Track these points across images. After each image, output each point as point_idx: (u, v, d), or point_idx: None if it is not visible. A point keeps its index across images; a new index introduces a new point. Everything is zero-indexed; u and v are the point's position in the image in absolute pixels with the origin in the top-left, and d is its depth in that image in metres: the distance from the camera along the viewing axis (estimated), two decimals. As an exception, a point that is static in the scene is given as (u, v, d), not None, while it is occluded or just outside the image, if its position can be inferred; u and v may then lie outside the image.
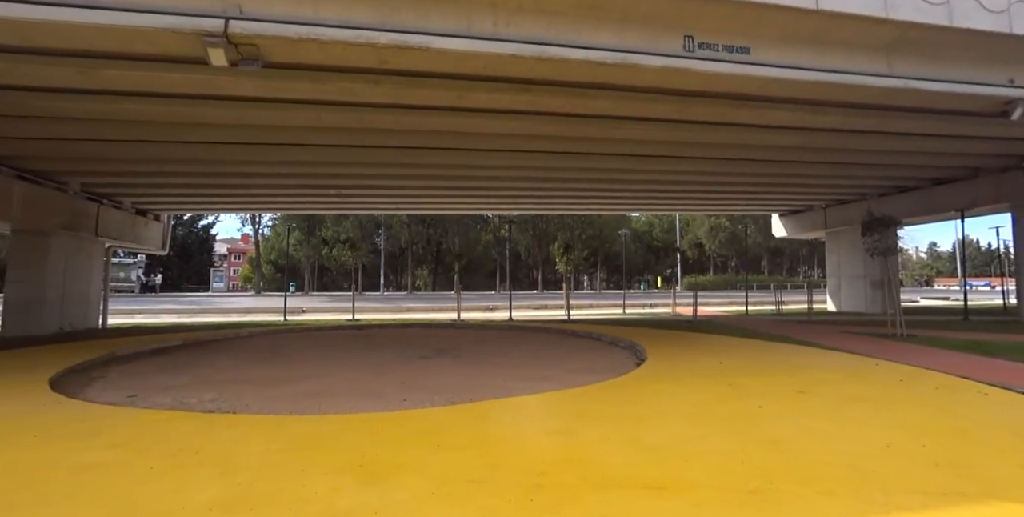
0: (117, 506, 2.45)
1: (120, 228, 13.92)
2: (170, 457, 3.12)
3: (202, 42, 4.81)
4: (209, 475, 2.83)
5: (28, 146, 9.26)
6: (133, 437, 3.54)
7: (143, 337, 10.48)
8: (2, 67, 5.87)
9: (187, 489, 2.64)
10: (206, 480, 2.76)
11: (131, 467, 2.96)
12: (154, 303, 26.89)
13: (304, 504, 2.45)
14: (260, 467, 2.96)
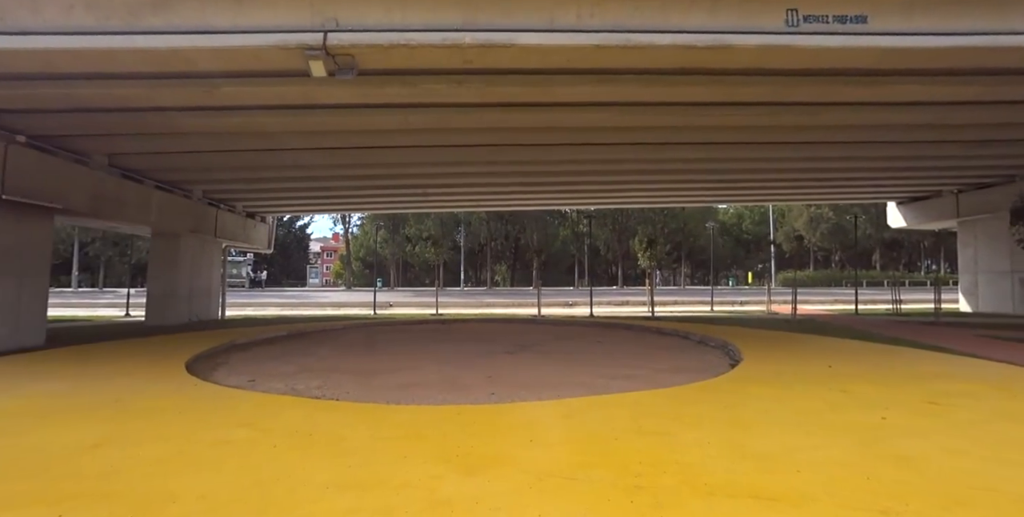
0: (251, 478, 2.72)
1: (234, 229, 15.52)
2: (288, 437, 3.41)
3: (304, 55, 5.18)
4: (322, 456, 3.06)
5: (162, 159, 10.56)
6: (257, 418, 3.92)
7: (255, 328, 11.61)
8: (145, 92, 6.75)
9: (306, 468, 2.87)
10: (321, 461, 2.98)
11: (258, 444, 3.28)
12: (261, 297, 29.67)
13: (408, 489, 2.57)
14: (366, 452, 3.14)
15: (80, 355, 7.43)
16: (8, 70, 6.02)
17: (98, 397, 4.67)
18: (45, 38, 5.35)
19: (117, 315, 16.88)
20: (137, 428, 3.69)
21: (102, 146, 9.38)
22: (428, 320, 14.45)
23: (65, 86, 6.51)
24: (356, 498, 2.47)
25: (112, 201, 10.10)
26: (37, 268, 8.84)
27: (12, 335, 8.04)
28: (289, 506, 2.38)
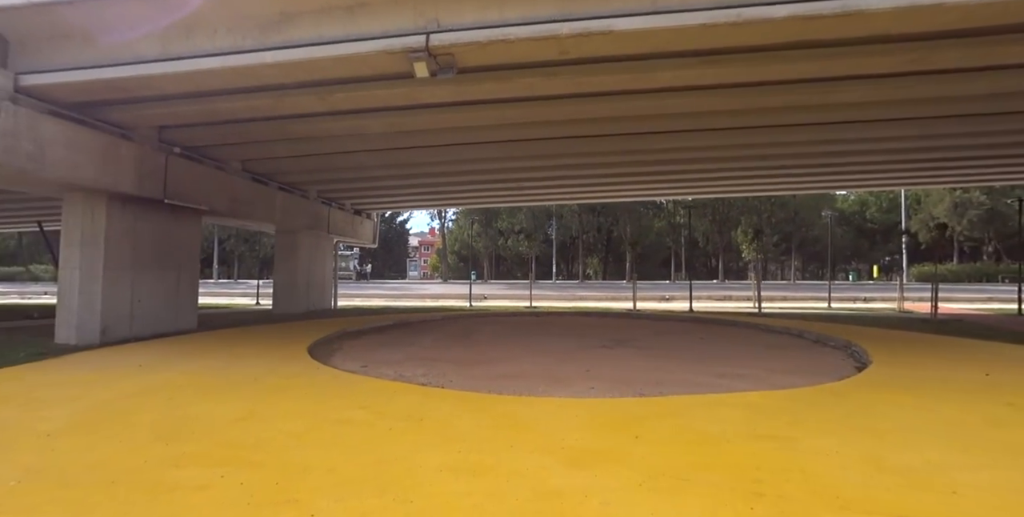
0: (371, 456, 2.94)
1: (343, 226, 16.89)
2: (402, 421, 3.64)
3: (407, 58, 5.44)
4: (433, 441, 3.22)
5: (284, 164, 11.73)
6: (372, 401, 4.23)
7: (364, 317, 12.55)
8: (271, 102, 7.51)
9: (420, 450, 3.04)
10: (432, 445, 3.14)
11: (375, 426, 3.54)
12: (366, 288, 32.14)
13: (517, 477, 2.61)
14: (473, 439, 3.25)
15: (224, 338, 8.54)
16: (168, 91, 7.00)
17: (240, 376, 5.33)
18: (195, 61, 6.15)
19: (249, 303, 19.19)
20: (273, 404, 4.16)
21: (237, 154, 10.63)
22: (522, 312, 14.66)
23: (207, 102, 7.44)
24: (468, 482, 2.56)
25: (245, 203, 11.44)
26: (190, 262, 10.29)
27: (173, 320, 9.46)
28: (409, 485, 2.53)
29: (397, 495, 2.40)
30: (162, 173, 8.80)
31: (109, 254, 8.18)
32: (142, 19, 6.10)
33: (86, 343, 7.73)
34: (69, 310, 8.01)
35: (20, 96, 6.54)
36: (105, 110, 7.63)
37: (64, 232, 8.35)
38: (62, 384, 4.98)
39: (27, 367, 5.82)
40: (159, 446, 3.12)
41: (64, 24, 6.27)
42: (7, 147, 6.32)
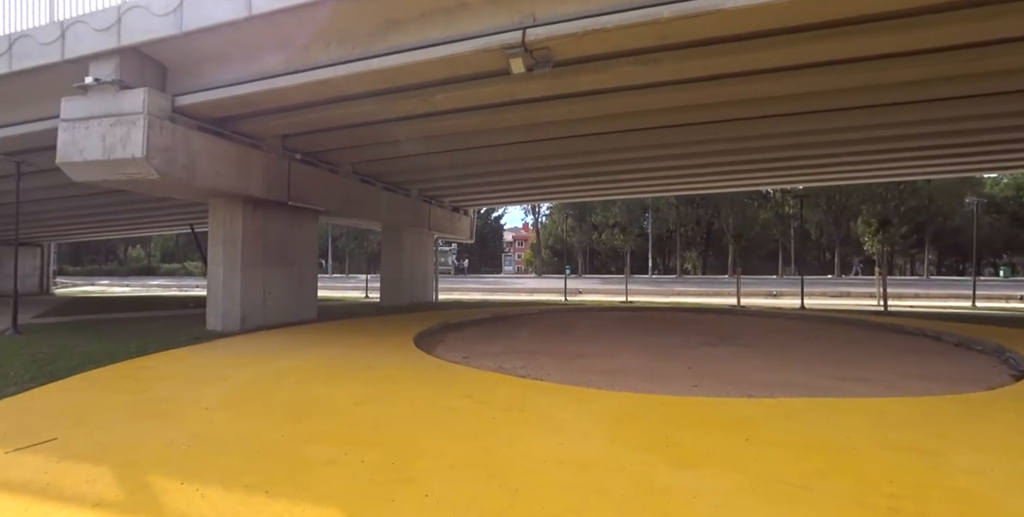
0: (478, 444, 3.06)
1: (443, 222, 17.68)
2: (504, 411, 3.74)
3: (504, 55, 5.53)
4: (536, 432, 3.27)
5: (388, 164, 12.52)
6: (475, 391, 4.40)
7: (463, 310, 13.05)
8: (377, 107, 8.05)
9: (523, 440, 3.10)
10: (534, 435, 3.19)
11: (479, 415, 3.68)
12: (464, 283, 33.34)
13: (622, 473, 2.57)
14: (574, 432, 3.26)
15: (339, 328, 9.37)
16: (289, 102, 7.77)
17: (356, 363, 5.81)
18: (311, 73, 6.77)
19: (359, 296, 20.84)
20: (386, 391, 4.48)
21: (348, 157, 11.56)
22: (618, 307, 14.38)
23: (322, 110, 8.15)
24: (572, 475, 2.57)
25: (355, 202, 12.41)
26: (310, 258, 11.40)
27: (297, 311, 10.56)
28: (514, 473, 2.60)
29: (504, 482, 2.48)
30: (286, 178, 9.84)
31: (245, 252, 9.31)
32: (268, 40, 6.85)
33: (229, 329, 8.92)
34: (216, 301, 9.28)
35: (175, 115, 7.60)
36: (239, 123, 8.67)
37: (210, 233, 9.64)
38: (214, 365, 5.80)
39: (187, 349, 6.86)
40: (292, 423, 3.52)
41: (206, 50, 7.21)
42: (167, 160, 7.39)
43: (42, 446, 3.04)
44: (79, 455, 2.90)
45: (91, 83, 7.15)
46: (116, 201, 14.89)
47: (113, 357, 6.09)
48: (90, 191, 12.30)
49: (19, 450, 2.98)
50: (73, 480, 2.57)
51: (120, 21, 7.03)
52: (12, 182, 9.28)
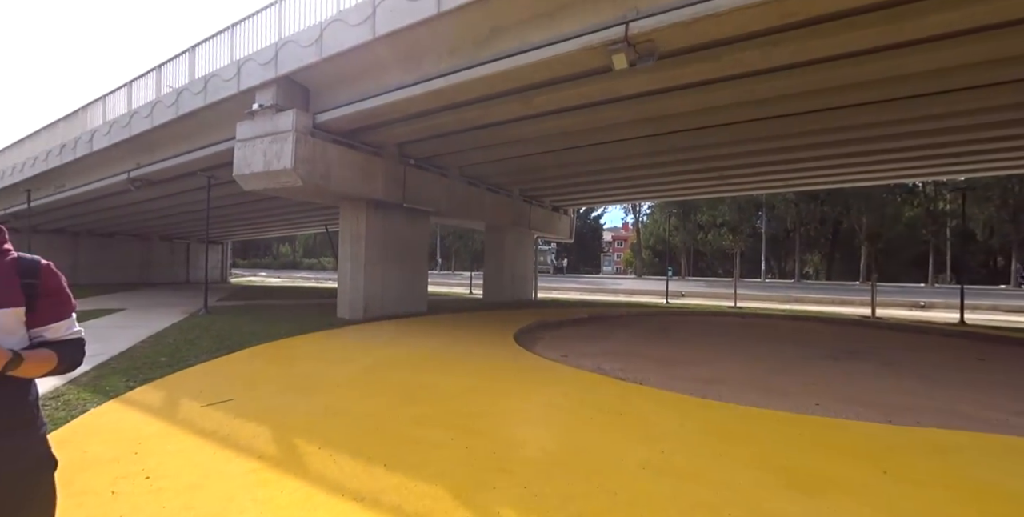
0: (575, 443, 3.07)
1: (543, 222, 17.86)
2: (602, 412, 3.71)
3: (606, 51, 5.45)
4: (634, 436, 3.20)
5: (491, 167, 12.94)
6: (573, 390, 4.41)
7: (561, 309, 13.09)
8: (480, 113, 8.36)
9: (621, 443, 3.06)
10: (633, 440, 3.12)
11: (577, 414, 3.69)
12: (562, 282, 33.18)
13: (728, 491, 2.42)
14: (675, 441, 3.13)
15: (446, 321, 9.90)
16: (406, 113, 8.38)
17: (462, 355, 6.12)
18: (424, 85, 7.24)
19: (464, 292, 21.82)
20: (489, 382, 4.67)
21: (456, 161, 12.15)
22: (725, 312, 13.44)
23: (432, 118, 8.68)
24: (673, 485, 2.47)
25: (461, 204, 13.02)
26: (421, 256, 12.19)
27: (410, 303, 11.36)
28: (612, 476, 2.57)
29: (601, 484, 2.46)
30: (402, 182, 10.62)
31: (368, 249, 10.27)
32: (389, 58, 7.47)
33: (355, 318, 9.90)
34: (344, 292, 10.35)
35: (316, 130, 8.70)
36: (364, 134, 9.55)
37: (340, 232, 10.80)
38: (343, 349, 6.51)
39: (322, 333, 7.80)
40: (406, 406, 3.82)
41: (340, 72, 8.11)
42: (309, 170, 8.50)
43: (223, 404, 3.78)
44: (247, 415, 3.53)
45: (256, 109, 8.56)
46: (271, 206, 17.48)
47: (269, 336, 7.28)
48: (254, 198, 14.43)
49: (209, 405, 3.75)
50: (244, 434, 3.14)
51: (277, 55, 8.27)
52: (204, 193, 11.50)
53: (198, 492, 2.36)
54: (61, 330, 1.19)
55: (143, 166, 12.69)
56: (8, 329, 1.10)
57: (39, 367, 1.11)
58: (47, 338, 1.17)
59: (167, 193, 15.13)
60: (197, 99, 9.81)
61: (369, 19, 6.99)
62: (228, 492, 2.36)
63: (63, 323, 1.20)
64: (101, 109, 13.36)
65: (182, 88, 10.32)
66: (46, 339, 1.17)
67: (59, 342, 1.18)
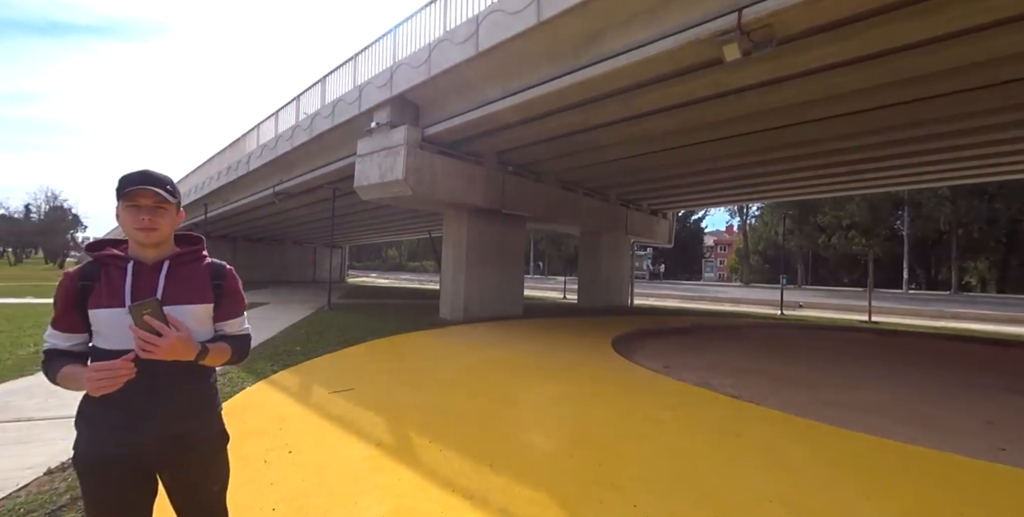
0: (683, 462, 2.85)
1: (640, 226, 17.24)
2: (714, 433, 3.41)
3: (715, 43, 5.10)
4: (754, 464, 2.88)
5: (587, 171, 12.72)
6: (679, 404, 4.14)
7: (660, 317, 12.49)
8: (580, 118, 8.29)
9: (738, 470, 2.77)
10: (753, 468, 2.82)
11: (684, 431, 3.44)
12: (659, 288, 31.69)
13: (877, 537, 2.08)
14: (808, 474, 2.76)
15: (542, 325, 9.89)
16: (506, 122, 8.55)
17: (559, 360, 6.05)
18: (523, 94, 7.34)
19: (557, 297, 21.71)
20: (589, 391, 4.55)
21: (552, 166, 12.16)
22: (856, 327, 11.90)
23: (531, 126, 8.80)
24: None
25: (558, 208, 13.00)
26: (518, 260, 12.35)
27: (506, 306, 11.55)
28: (732, 505, 2.34)
29: (718, 513, 2.25)
30: (500, 188, 10.87)
31: (468, 253, 10.67)
32: (489, 71, 7.70)
33: (455, 318, 10.31)
34: (446, 294, 10.84)
35: (424, 143, 9.27)
36: (466, 144, 9.94)
37: (444, 237, 11.38)
38: (447, 347, 6.82)
39: (427, 332, 8.24)
40: (508, 407, 3.85)
41: (445, 87, 8.56)
42: (418, 179, 9.08)
43: (346, 393, 4.18)
44: (367, 405, 3.83)
45: (374, 126, 9.43)
46: (382, 214, 19.34)
47: (382, 332, 7.93)
48: (369, 207, 16.08)
49: (335, 392, 4.18)
50: (364, 422, 3.41)
51: (392, 77, 9.01)
52: (329, 203, 13.06)
53: (329, 470, 2.61)
54: (236, 326, 1.38)
55: (284, 181, 14.75)
56: (201, 322, 1.29)
57: (219, 358, 1.29)
58: (226, 333, 1.36)
59: (300, 204, 17.34)
60: (326, 121, 11.03)
61: (473, 36, 7.28)
62: (353, 473, 2.58)
63: (238, 320, 1.38)
64: (256, 136, 15.88)
65: (315, 113, 11.71)
66: (224, 333, 1.35)
67: (233, 337, 1.36)
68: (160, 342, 1.14)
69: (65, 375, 1.17)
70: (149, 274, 1.25)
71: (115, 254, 1.25)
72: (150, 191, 1.21)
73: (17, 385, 4.26)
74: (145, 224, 1.22)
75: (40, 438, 3.05)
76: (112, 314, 1.19)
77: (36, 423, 3.31)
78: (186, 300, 1.26)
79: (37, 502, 2.21)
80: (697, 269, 62.46)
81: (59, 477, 2.48)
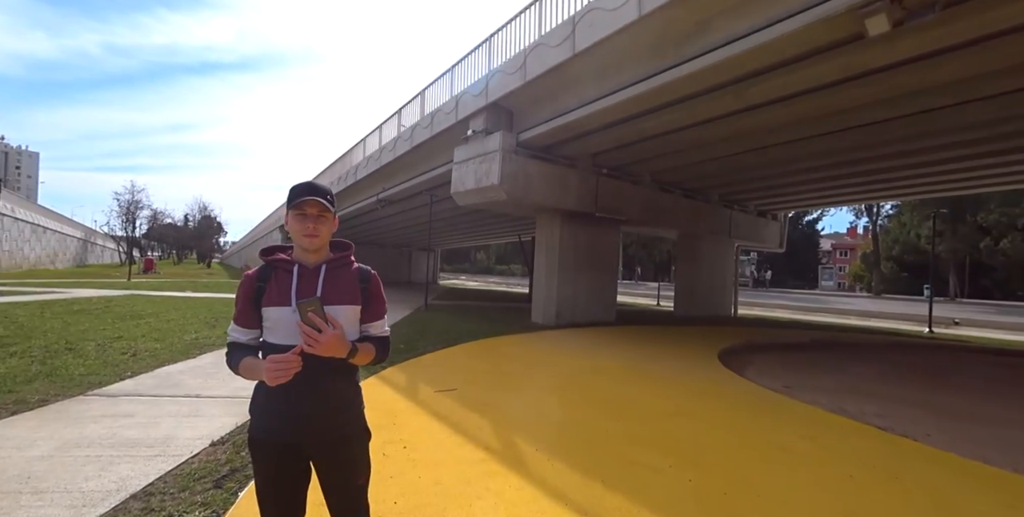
0: (832, 503, 2.43)
1: (746, 229, 15.89)
2: (866, 471, 2.89)
3: (855, 18, 4.47)
4: (923, 514, 2.38)
5: (688, 171, 11.94)
6: (814, 433, 3.59)
7: (770, 330, 11.34)
8: (683, 114, 7.77)
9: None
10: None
11: (827, 466, 2.95)
12: (765, 297, 28.38)
13: None
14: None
15: (638, 333, 9.42)
16: (601, 122, 8.29)
17: (662, 371, 5.66)
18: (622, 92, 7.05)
19: (650, 303, 20.74)
20: (701, 407, 4.16)
21: (649, 167, 11.62)
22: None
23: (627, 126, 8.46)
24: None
25: (654, 211, 12.38)
26: (611, 265, 11.94)
27: (598, 312, 11.20)
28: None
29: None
30: (594, 191, 10.58)
31: (561, 257, 10.52)
32: (586, 71, 7.52)
33: (547, 323, 10.20)
34: (538, 298, 10.76)
35: (518, 148, 9.33)
36: (559, 147, 9.82)
37: (536, 241, 11.36)
38: (541, 352, 6.72)
39: (520, 336, 8.23)
40: (613, 420, 3.62)
41: (539, 92, 8.54)
42: (512, 184, 9.14)
43: (449, 392, 4.26)
44: (470, 406, 3.85)
45: (470, 134, 9.73)
46: (473, 219, 19.92)
47: (477, 334, 8.08)
48: (461, 212, 16.64)
49: (439, 391, 4.28)
50: (470, 424, 3.41)
51: (487, 85, 9.24)
52: (423, 209, 13.83)
53: (442, 469, 2.62)
54: (379, 328, 1.45)
55: (386, 190, 15.86)
56: (351, 323, 1.36)
57: (364, 357, 1.37)
58: (371, 334, 1.42)
59: (399, 210, 18.48)
60: (425, 132, 11.58)
61: (569, 38, 7.16)
62: (466, 475, 2.55)
63: (381, 322, 1.46)
64: (362, 148, 17.30)
65: (414, 124, 12.37)
66: (369, 334, 1.42)
67: (377, 338, 1.43)
68: (320, 338, 1.23)
69: (245, 366, 1.32)
70: (310, 276, 1.36)
71: (284, 258, 1.39)
72: (315, 201, 1.33)
73: (186, 366, 5.00)
74: (310, 231, 1.33)
75: (205, 413, 3.51)
76: (281, 312, 1.31)
77: (202, 399, 3.84)
78: (339, 301, 1.34)
79: (205, 470, 2.54)
80: (811, 277, 56.60)
81: (220, 449, 2.83)
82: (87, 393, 3.89)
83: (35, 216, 34.89)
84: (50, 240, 37.46)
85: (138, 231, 37.83)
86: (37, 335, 6.31)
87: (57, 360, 4.94)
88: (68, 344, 5.82)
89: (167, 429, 3.13)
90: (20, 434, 2.95)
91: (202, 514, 2.09)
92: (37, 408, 3.46)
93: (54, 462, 2.56)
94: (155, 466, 2.56)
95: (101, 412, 3.42)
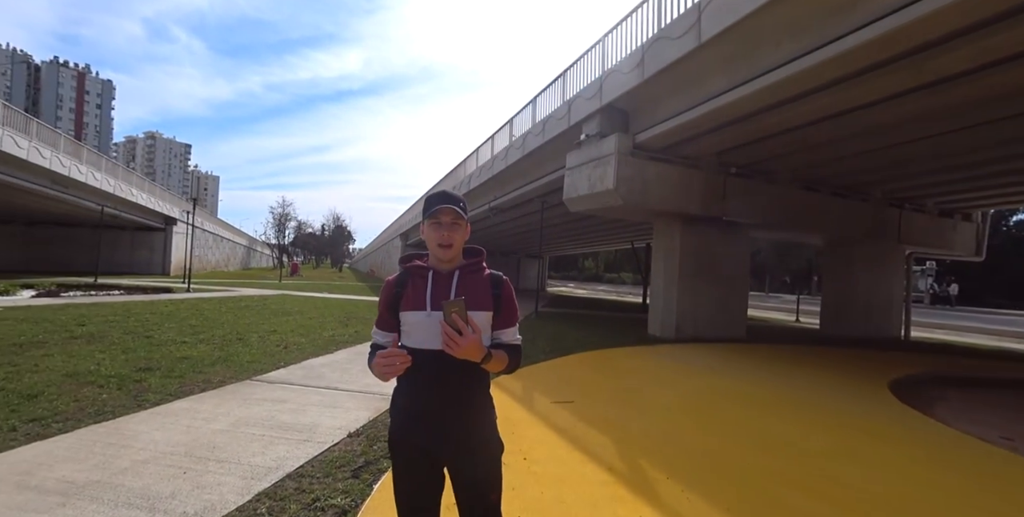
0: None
1: (922, 232, 13.15)
2: None
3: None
4: None
5: (838, 165, 10.22)
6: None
7: (966, 360, 9.15)
8: (831, 100, 6.72)
9: None
10: None
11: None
12: (951, 318, 21.67)
13: None
14: None
15: (776, 353, 8.31)
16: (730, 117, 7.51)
17: (811, 401, 4.85)
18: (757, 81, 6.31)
19: (785, 318, 18.15)
20: (869, 451, 3.40)
21: (788, 163, 10.27)
22: None
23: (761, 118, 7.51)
24: None
25: (794, 213, 10.92)
26: (740, 274, 10.76)
27: (725, 326, 10.12)
28: None
29: None
30: (720, 193, 9.66)
31: (682, 265, 9.74)
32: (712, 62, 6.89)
33: (666, 336, 9.49)
34: (656, 309, 10.06)
35: (635, 150, 8.88)
36: (680, 147, 9.11)
37: (653, 248, 10.70)
38: (661, 368, 6.24)
39: (635, 348, 7.79)
40: (759, 455, 3.11)
41: (658, 89, 8.04)
42: (628, 188, 8.71)
43: (567, 405, 4.09)
44: (589, 421, 3.66)
45: (583, 139, 9.51)
46: (583, 225, 19.38)
47: (590, 345, 7.79)
48: (572, 218, 16.23)
49: (556, 403, 4.13)
50: (591, 441, 3.22)
51: (601, 87, 8.95)
52: (532, 216, 13.66)
53: (565, 487, 2.48)
54: (511, 335, 1.43)
55: (497, 198, 16.20)
56: (483, 328, 1.35)
57: (498, 364, 1.34)
58: (503, 341, 1.42)
59: (509, 218, 18.82)
60: (537, 139, 11.59)
61: (694, 27, 6.63)
62: (591, 497, 2.39)
63: (512, 329, 1.44)
64: (475, 158, 18.02)
65: (526, 132, 12.47)
66: (501, 341, 1.41)
67: (510, 345, 1.41)
68: (460, 340, 1.23)
69: None
70: (444, 282, 1.38)
71: (420, 265, 1.43)
72: (449, 209, 1.36)
73: (324, 360, 5.54)
74: (444, 239, 1.36)
75: (342, 405, 3.78)
76: (416, 316, 1.34)
77: (339, 392, 4.17)
78: (472, 307, 1.32)
79: (344, 459, 2.73)
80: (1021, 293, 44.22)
81: (357, 441, 3.02)
82: (252, 378, 4.48)
83: (216, 228, 42.08)
84: (224, 247, 44.82)
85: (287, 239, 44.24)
86: (217, 326, 7.52)
87: (231, 348, 5.81)
88: (238, 335, 6.82)
89: (313, 416, 3.43)
90: (207, 409, 3.51)
91: (343, 501, 2.23)
92: (217, 387, 4.12)
93: (230, 436, 2.98)
94: (304, 450, 2.81)
95: (262, 396, 3.91)
